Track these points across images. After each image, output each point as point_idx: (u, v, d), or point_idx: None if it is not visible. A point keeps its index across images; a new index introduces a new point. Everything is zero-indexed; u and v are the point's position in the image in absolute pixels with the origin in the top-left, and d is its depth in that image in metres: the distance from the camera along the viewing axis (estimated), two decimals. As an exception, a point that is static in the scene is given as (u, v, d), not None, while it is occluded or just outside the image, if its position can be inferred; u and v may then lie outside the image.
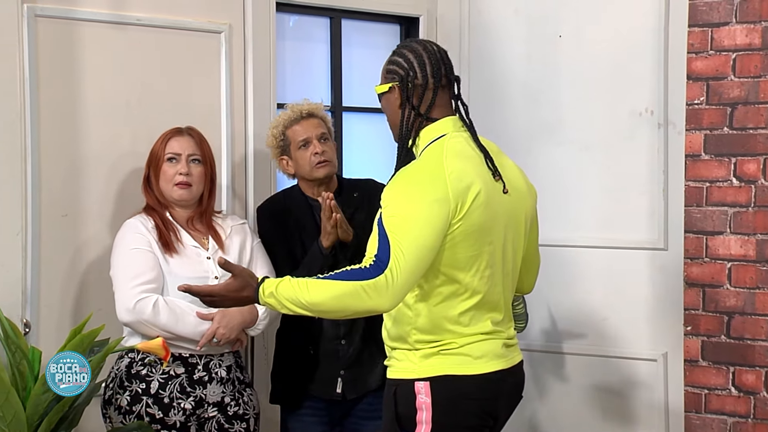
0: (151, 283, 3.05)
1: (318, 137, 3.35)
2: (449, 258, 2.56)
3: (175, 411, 3.08)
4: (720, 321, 3.75)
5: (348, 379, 3.32)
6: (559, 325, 4.08)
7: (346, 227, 3.20)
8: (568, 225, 4.04)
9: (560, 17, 4.06)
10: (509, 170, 2.74)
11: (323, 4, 4.06)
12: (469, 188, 2.54)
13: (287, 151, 3.38)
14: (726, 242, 3.73)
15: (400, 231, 2.49)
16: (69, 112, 3.34)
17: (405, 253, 2.46)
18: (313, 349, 3.34)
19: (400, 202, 2.54)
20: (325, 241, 3.20)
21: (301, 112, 3.38)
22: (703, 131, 3.75)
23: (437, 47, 2.72)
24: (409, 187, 2.56)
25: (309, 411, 3.39)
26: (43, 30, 3.25)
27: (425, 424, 2.58)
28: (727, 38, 3.70)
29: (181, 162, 3.17)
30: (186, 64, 3.61)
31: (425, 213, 2.50)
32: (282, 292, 2.50)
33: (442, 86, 2.67)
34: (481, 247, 2.59)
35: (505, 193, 2.65)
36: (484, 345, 2.64)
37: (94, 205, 3.39)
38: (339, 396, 3.33)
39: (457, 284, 2.60)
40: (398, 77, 2.70)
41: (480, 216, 2.56)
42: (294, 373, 3.38)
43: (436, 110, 2.68)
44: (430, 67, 2.66)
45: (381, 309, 2.50)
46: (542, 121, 4.10)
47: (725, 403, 3.75)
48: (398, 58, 2.72)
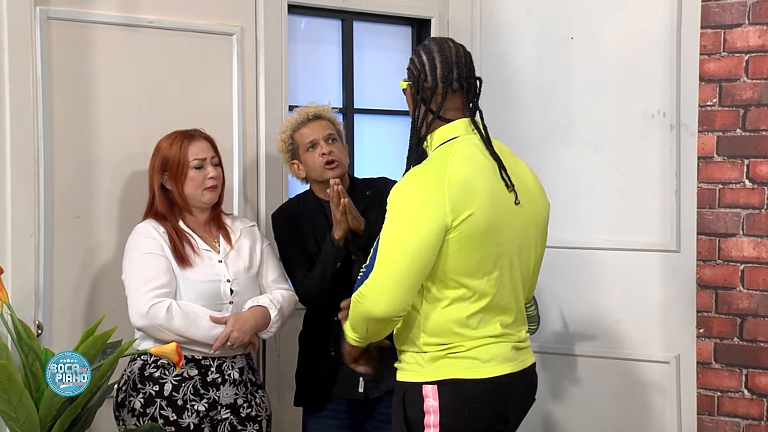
0: (164, 287, 3.05)
1: (325, 138, 3.35)
2: (455, 262, 2.55)
3: (188, 413, 3.09)
4: (733, 323, 3.74)
5: (369, 378, 3.32)
6: (571, 328, 4.07)
7: (356, 214, 3.21)
8: (580, 227, 4.04)
9: (572, 18, 4.05)
10: (523, 176, 2.74)
11: (335, 6, 4.06)
12: (470, 193, 2.53)
13: (297, 155, 3.39)
14: (739, 244, 3.71)
15: (390, 234, 2.55)
16: (81, 114, 3.35)
17: (392, 257, 2.52)
18: (334, 350, 3.34)
19: (397, 205, 2.57)
20: (336, 233, 3.20)
21: (307, 114, 3.39)
22: (715, 133, 3.74)
23: (456, 48, 2.70)
24: (409, 189, 2.59)
25: (330, 413, 3.39)
26: (55, 33, 3.26)
27: (433, 428, 2.58)
28: (739, 40, 3.68)
29: (208, 166, 3.18)
30: (198, 67, 3.62)
31: (418, 215, 2.52)
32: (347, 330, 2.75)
33: (453, 90, 2.67)
34: (488, 250, 2.58)
35: (516, 204, 2.65)
36: (492, 348, 2.63)
37: (106, 207, 3.40)
38: (362, 396, 3.33)
39: (464, 288, 2.59)
40: (412, 77, 2.71)
41: (482, 221, 2.54)
42: (316, 375, 3.38)
43: (449, 112, 2.68)
44: (440, 71, 2.65)
45: (372, 312, 2.56)
46: (554, 123, 4.10)
47: (738, 406, 3.74)
48: (415, 58, 2.73)
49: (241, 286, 3.18)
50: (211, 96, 3.65)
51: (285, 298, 3.24)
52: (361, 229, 3.22)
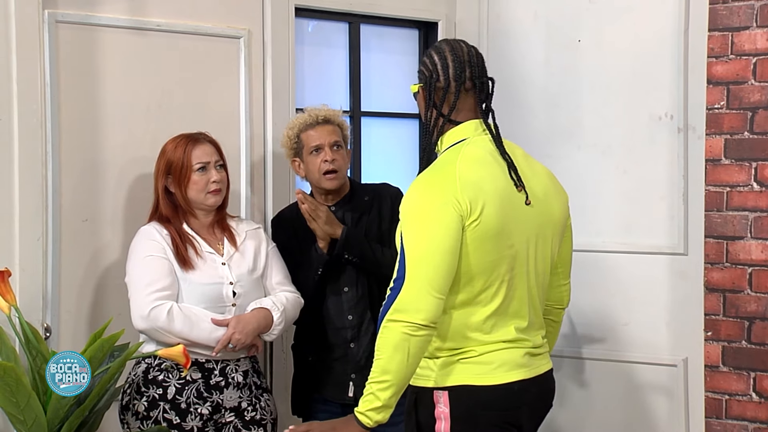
0: (165, 290, 3.05)
1: (331, 144, 3.36)
2: (467, 264, 2.53)
3: (192, 416, 3.09)
4: (741, 326, 3.73)
5: (359, 382, 3.33)
6: (578, 330, 4.07)
7: (326, 221, 3.27)
8: (587, 230, 4.01)
9: (579, 22, 4.05)
10: (537, 176, 2.71)
11: (342, 9, 4.06)
12: (479, 193, 2.51)
13: (300, 154, 3.41)
14: (747, 247, 3.71)
15: (414, 241, 2.48)
16: (89, 117, 3.35)
17: (421, 263, 2.45)
18: (313, 356, 3.40)
19: (412, 213, 2.53)
20: (319, 241, 3.30)
21: (317, 117, 3.40)
22: (723, 136, 3.73)
23: (468, 49, 2.68)
24: (421, 194, 2.55)
25: (326, 416, 3.39)
26: (63, 36, 3.27)
27: None
28: (747, 42, 3.68)
29: (211, 169, 3.19)
30: (205, 70, 3.62)
31: (436, 218, 2.48)
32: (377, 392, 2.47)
33: (465, 90, 2.65)
34: (500, 252, 2.55)
35: (527, 204, 2.62)
36: (504, 354, 2.59)
37: (114, 210, 3.40)
38: (351, 400, 3.34)
39: (476, 291, 2.56)
40: (423, 78, 2.69)
41: (494, 221, 2.52)
42: (307, 382, 3.42)
43: (460, 114, 2.66)
44: (453, 70, 2.63)
45: (417, 322, 2.44)
46: (561, 126, 4.09)
47: (746, 409, 3.73)
48: (426, 59, 2.71)
49: (245, 288, 3.18)
50: (218, 99, 3.65)
51: (289, 301, 3.24)
52: (336, 234, 3.27)
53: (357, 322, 3.34)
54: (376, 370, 2.47)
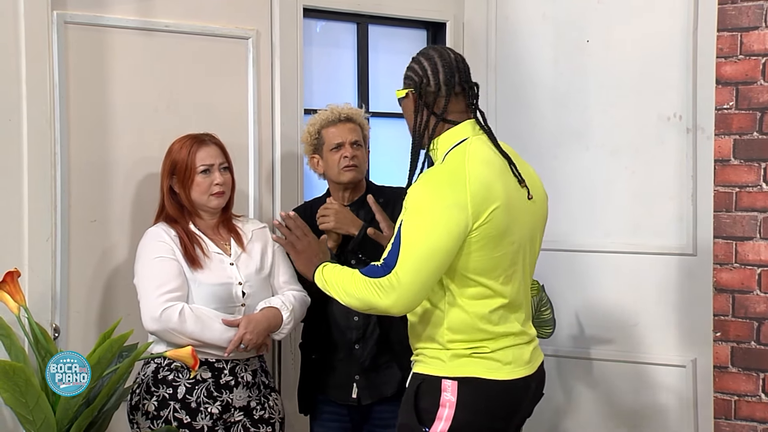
0: (176, 291, 3.06)
1: (351, 142, 3.37)
2: (476, 261, 2.60)
3: (202, 416, 3.09)
4: (750, 327, 3.73)
5: (363, 384, 3.34)
6: (587, 331, 4.07)
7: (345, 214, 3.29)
8: (596, 230, 4.03)
9: (588, 22, 4.05)
10: (530, 174, 2.79)
11: (350, 10, 4.06)
12: (490, 194, 2.57)
13: (319, 151, 3.41)
14: (756, 248, 3.70)
15: (413, 235, 2.56)
16: (98, 118, 3.36)
17: (413, 257, 2.53)
18: (317, 354, 3.40)
19: (418, 206, 2.59)
20: (329, 242, 3.30)
21: (339, 114, 3.40)
22: (732, 136, 3.73)
23: (454, 54, 2.75)
24: (430, 190, 2.60)
25: (331, 416, 3.42)
26: (72, 37, 3.27)
27: (445, 420, 2.62)
28: (756, 42, 3.67)
29: (215, 172, 3.19)
30: (214, 70, 3.62)
31: (441, 217, 2.54)
32: (328, 275, 2.76)
33: (456, 93, 2.71)
34: (505, 248, 2.63)
35: (530, 199, 2.70)
36: (514, 351, 2.70)
37: (123, 211, 3.41)
38: (354, 401, 3.35)
39: (483, 287, 2.64)
40: (413, 84, 2.73)
41: (501, 221, 2.59)
42: (312, 381, 3.42)
43: (453, 115, 2.72)
44: (443, 75, 2.69)
45: (390, 310, 2.59)
46: (570, 126, 4.09)
47: (755, 410, 3.73)
48: (414, 65, 2.77)
49: (253, 288, 3.18)
50: (226, 99, 3.66)
51: (297, 300, 3.24)
52: (352, 232, 3.28)
53: (363, 323, 3.33)
54: (341, 282, 2.72)
